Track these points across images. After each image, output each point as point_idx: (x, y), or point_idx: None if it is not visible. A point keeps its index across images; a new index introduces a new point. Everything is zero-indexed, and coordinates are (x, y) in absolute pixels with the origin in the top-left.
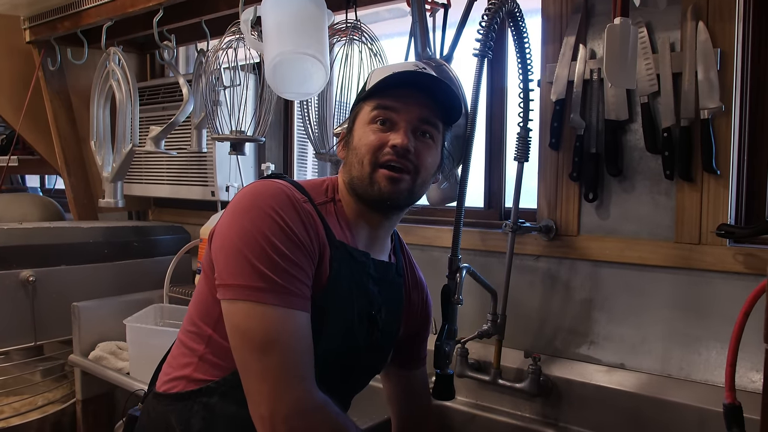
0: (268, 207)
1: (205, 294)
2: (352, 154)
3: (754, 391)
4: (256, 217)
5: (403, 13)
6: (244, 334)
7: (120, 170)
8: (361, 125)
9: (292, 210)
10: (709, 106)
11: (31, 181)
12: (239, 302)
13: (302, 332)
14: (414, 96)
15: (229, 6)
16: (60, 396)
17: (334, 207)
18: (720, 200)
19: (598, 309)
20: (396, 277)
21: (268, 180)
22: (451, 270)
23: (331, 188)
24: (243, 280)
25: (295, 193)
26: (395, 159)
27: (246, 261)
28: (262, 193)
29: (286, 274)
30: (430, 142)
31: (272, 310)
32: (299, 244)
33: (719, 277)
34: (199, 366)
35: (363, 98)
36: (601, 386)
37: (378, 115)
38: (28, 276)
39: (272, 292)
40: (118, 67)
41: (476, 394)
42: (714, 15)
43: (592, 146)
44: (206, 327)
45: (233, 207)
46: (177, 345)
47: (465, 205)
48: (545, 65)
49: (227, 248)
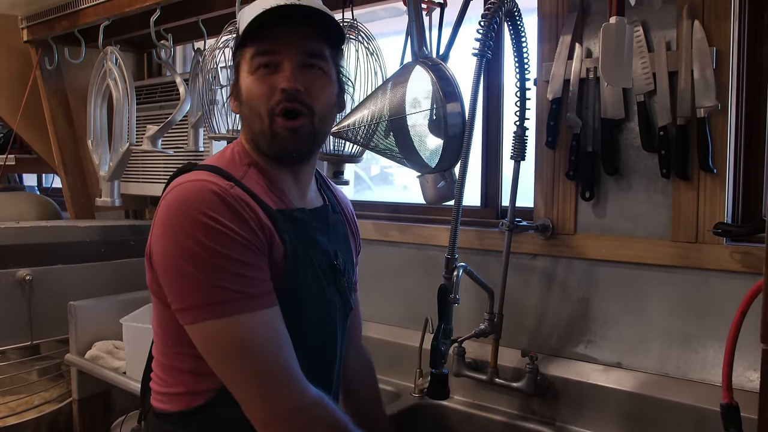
0: (199, 213)
1: (168, 317)
2: (246, 108)
3: (752, 390)
4: (191, 228)
5: (399, 12)
6: (218, 353)
7: (117, 169)
8: (245, 75)
9: (224, 207)
10: (705, 104)
11: (29, 179)
12: (202, 323)
13: (276, 330)
14: (291, 31)
15: (226, 5)
16: (56, 395)
17: (256, 172)
18: (716, 199)
19: (595, 308)
20: (334, 216)
21: (188, 182)
22: (448, 269)
23: (241, 154)
24: (198, 299)
25: (220, 182)
26: (288, 104)
27: (193, 278)
28: (187, 198)
29: (240, 278)
30: (320, 73)
31: (238, 321)
32: (244, 241)
33: (716, 275)
34: (195, 379)
35: (240, 44)
36: (598, 385)
37: (259, 60)
38: (25, 275)
39: (232, 302)
40: (115, 66)
41: (473, 394)
42: (710, 14)
43: (588, 145)
44: (187, 346)
45: (163, 221)
46: (160, 366)
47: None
48: (541, 64)
49: (171, 270)
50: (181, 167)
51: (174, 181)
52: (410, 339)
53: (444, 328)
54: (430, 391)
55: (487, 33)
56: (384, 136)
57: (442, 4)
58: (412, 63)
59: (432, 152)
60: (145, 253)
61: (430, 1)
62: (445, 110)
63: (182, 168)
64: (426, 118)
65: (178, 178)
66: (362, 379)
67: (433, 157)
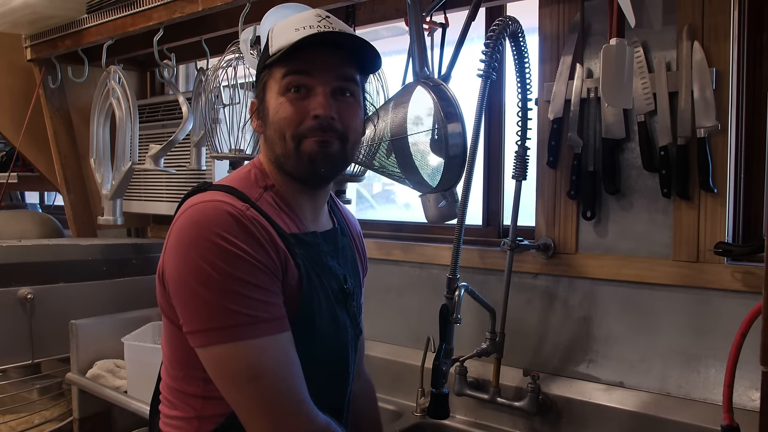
0: (214, 235)
1: (179, 338)
2: (271, 130)
3: (753, 409)
4: (206, 249)
5: (401, 31)
6: (228, 377)
7: (119, 188)
8: (273, 95)
9: (239, 229)
10: (706, 124)
11: (31, 197)
12: (213, 347)
13: (287, 355)
14: (325, 53)
15: (229, 25)
16: (57, 414)
17: (272, 195)
18: (717, 218)
19: (596, 327)
20: (343, 239)
21: (203, 202)
22: (450, 289)
23: (259, 175)
24: (210, 323)
25: (236, 204)
26: (319, 131)
27: (207, 301)
28: (202, 220)
29: (253, 302)
30: (351, 100)
31: (250, 345)
32: (259, 264)
33: (717, 294)
34: (205, 403)
35: (268, 63)
36: (600, 405)
37: (291, 82)
38: (26, 293)
39: (244, 326)
40: (118, 85)
41: (475, 413)
42: (709, 35)
43: (589, 164)
44: (196, 370)
45: (177, 242)
46: (169, 389)
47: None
48: (543, 84)
49: (184, 292)
50: (196, 186)
51: (188, 200)
52: (412, 358)
53: (445, 348)
54: (431, 410)
55: (492, 54)
56: (386, 156)
57: (443, 24)
58: (414, 83)
59: (433, 172)
60: (157, 271)
61: (432, 22)
62: (446, 131)
63: (198, 187)
64: (428, 136)
65: (193, 197)
66: (364, 401)
67: (434, 176)
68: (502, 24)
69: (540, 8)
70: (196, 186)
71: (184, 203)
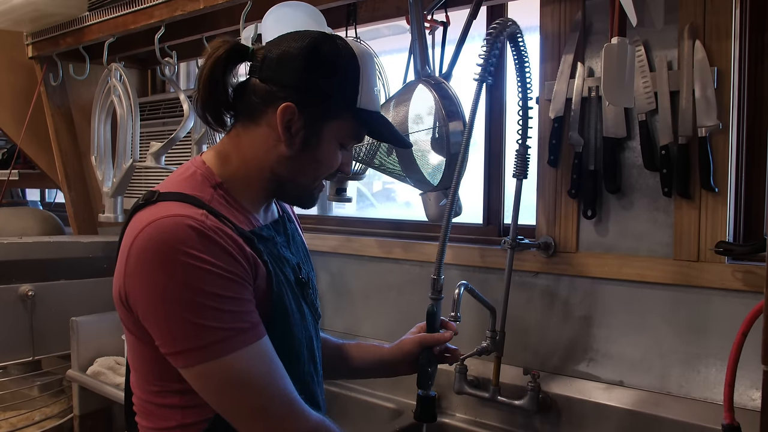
0: (179, 254)
1: (149, 355)
2: (308, 163)
3: (754, 409)
4: (173, 270)
5: (402, 30)
6: (217, 391)
7: (120, 185)
8: (333, 138)
9: (204, 243)
10: (707, 123)
11: (32, 194)
12: (197, 366)
13: (271, 359)
14: None
15: (230, 23)
16: (57, 411)
17: (222, 193)
18: (718, 217)
19: (596, 326)
20: (290, 225)
21: (160, 219)
22: (435, 290)
23: (206, 174)
24: (189, 343)
25: (193, 214)
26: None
27: (183, 322)
28: (165, 238)
29: (229, 315)
30: None
31: (233, 358)
32: (230, 276)
33: (718, 294)
34: (185, 413)
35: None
36: (600, 403)
37: (352, 140)
38: (27, 290)
39: (225, 340)
40: (119, 82)
41: (475, 412)
42: (710, 34)
43: (590, 163)
44: (172, 383)
45: (141, 266)
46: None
47: (463, 222)
48: (544, 83)
49: (156, 315)
50: (144, 198)
51: (140, 216)
52: None
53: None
54: (417, 413)
55: (488, 58)
56: (386, 153)
57: (444, 22)
58: (415, 81)
59: (434, 169)
60: (115, 294)
61: (433, 20)
62: (448, 129)
63: (146, 199)
64: (428, 134)
65: (142, 211)
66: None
67: (435, 174)
68: (500, 26)
69: (541, 7)
70: (143, 198)
71: (135, 219)
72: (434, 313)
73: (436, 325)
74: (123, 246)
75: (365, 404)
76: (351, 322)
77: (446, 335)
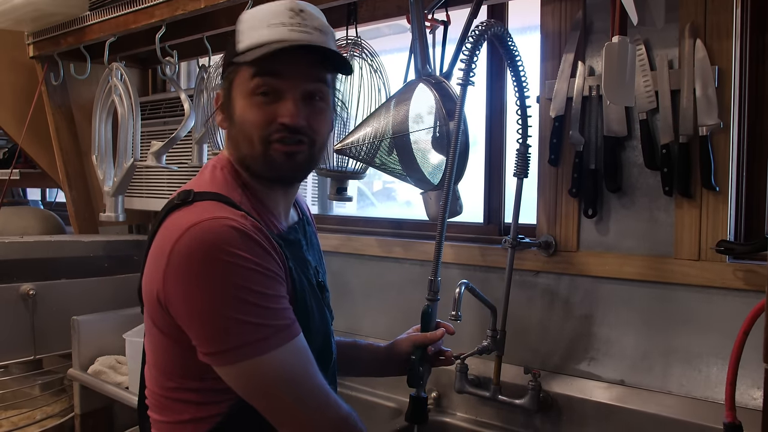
0: (225, 254)
1: (174, 352)
2: (237, 130)
3: (755, 408)
4: (220, 271)
5: (403, 29)
6: (259, 388)
7: (121, 184)
8: (241, 95)
9: (248, 243)
10: (708, 122)
11: (33, 194)
12: (241, 363)
13: (308, 353)
14: (295, 58)
15: (231, 23)
16: (59, 410)
17: (249, 195)
18: (719, 216)
19: (597, 325)
20: (309, 228)
21: (202, 222)
22: (431, 290)
23: (232, 173)
24: (235, 341)
25: (232, 215)
26: (288, 137)
27: (231, 321)
28: (209, 241)
29: (274, 312)
30: (321, 105)
31: (278, 354)
32: (272, 274)
33: (719, 293)
34: (200, 408)
35: (235, 60)
36: (600, 403)
37: (259, 84)
38: (29, 289)
39: (271, 337)
40: (120, 82)
41: (476, 411)
42: (711, 33)
43: (591, 162)
44: (192, 381)
45: (187, 269)
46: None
47: (464, 221)
48: (544, 81)
49: (201, 315)
50: (180, 197)
51: (181, 220)
52: None
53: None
54: (408, 414)
55: (469, 63)
56: (387, 153)
57: (445, 22)
58: (416, 81)
59: (434, 169)
60: (149, 294)
61: (434, 19)
62: (448, 128)
63: (182, 199)
64: (429, 134)
65: (183, 214)
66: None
67: (435, 173)
68: (482, 30)
69: (542, 6)
70: (179, 197)
71: (172, 220)
72: (429, 313)
73: (431, 325)
74: (159, 247)
75: (366, 403)
76: (351, 321)
77: (437, 333)
